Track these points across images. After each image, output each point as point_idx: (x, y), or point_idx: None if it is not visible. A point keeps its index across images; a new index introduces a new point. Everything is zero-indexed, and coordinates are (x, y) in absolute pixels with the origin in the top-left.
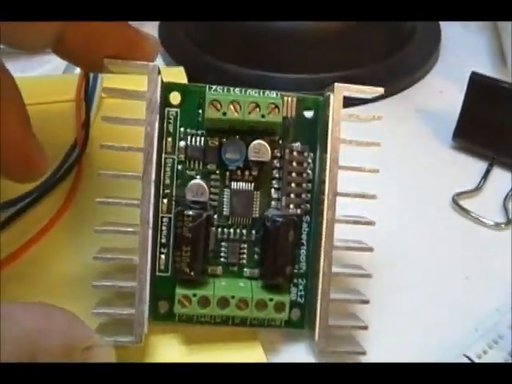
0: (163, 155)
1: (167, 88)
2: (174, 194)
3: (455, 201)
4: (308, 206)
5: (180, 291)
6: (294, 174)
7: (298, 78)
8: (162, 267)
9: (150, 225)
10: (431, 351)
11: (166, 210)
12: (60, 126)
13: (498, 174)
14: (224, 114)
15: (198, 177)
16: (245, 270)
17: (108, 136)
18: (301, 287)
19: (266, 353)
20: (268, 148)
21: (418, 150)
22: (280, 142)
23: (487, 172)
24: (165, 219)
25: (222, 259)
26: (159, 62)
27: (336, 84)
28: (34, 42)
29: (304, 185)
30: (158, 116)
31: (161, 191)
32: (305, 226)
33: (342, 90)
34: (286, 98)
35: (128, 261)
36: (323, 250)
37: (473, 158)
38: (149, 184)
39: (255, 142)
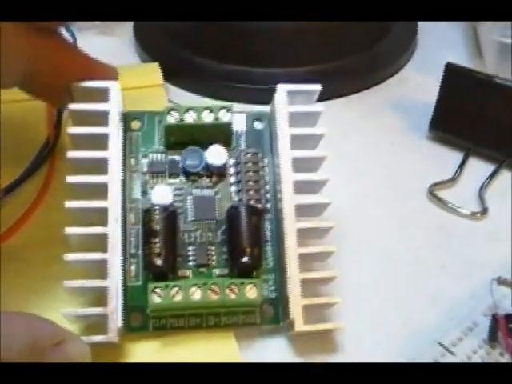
0: (128, 173)
1: (128, 116)
2: (140, 206)
3: (431, 191)
4: (268, 205)
5: (152, 284)
6: (250, 173)
7: (277, 72)
8: (133, 276)
9: (119, 222)
10: (406, 340)
11: (133, 222)
12: (34, 124)
13: (474, 164)
14: (181, 120)
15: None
16: (214, 270)
17: None
18: (270, 282)
19: (242, 350)
20: (224, 151)
21: (395, 142)
22: (235, 150)
23: (463, 162)
24: (133, 231)
25: (190, 263)
26: (134, 58)
27: (279, 85)
28: (6, 79)
29: (261, 182)
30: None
31: (127, 206)
32: (267, 223)
33: (284, 88)
34: (236, 115)
35: (98, 260)
36: (287, 232)
37: (449, 149)
38: (116, 184)
39: (212, 146)
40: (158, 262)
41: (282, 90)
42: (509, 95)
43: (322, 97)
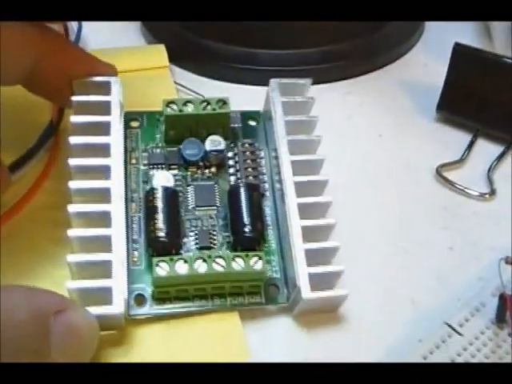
0: (128, 166)
1: (127, 116)
2: (141, 195)
3: (439, 172)
4: (267, 193)
5: (156, 258)
6: (249, 161)
7: (282, 54)
8: (136, 260)
9: (123, 200)
10: (412, 320)
11: (134, 210)
12: (37, 105)
13: (482, 145)
14: (180, 110)
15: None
16: (217, 252)
17: None
18: (274, 263)
19: (248, 331)
20: (222, 140)
21: (402, 123)
22: (232, 142)
23: (471, 144)
24: (135, 218)
25: (193, 246)
26: (140, 40)
27: (271, 80)
28: (8, 77)
29: (259, 169)
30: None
31: (129, 195)
32: (267, 209)
33: (276, 82)
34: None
35: (102, 236)
36: (289, 207)
37: (457, 130)
38: (118, 166)
39: (211, 136)
40: (161, 234)
41: (273, 83)
42: None
43: (329, 78)
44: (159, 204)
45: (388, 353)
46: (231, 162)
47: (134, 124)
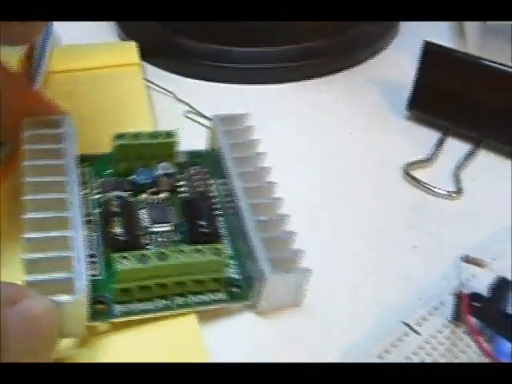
0: (82, 197)
1: (81, 159)
2: (97, 218)
3: (406, 171)
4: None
5: (116, 254)
6: (199, 185)
7: (254, 52)
8: (96, 272)
9: (79, 208)
10: (372, 318)
11: (91, 230)
12: None
13: (451, 144)
14: (129, 140)
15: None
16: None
17: None
18: (233, 266)
19: (210, 330)
20: (172, 165)
21: (372, 122)
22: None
23: (440, 142)
24: (91, 239)
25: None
26: (113, 37)
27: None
28: None
29: (211, 194)
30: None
31: (84, 218)
32: (222, 223)
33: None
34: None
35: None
36: (242, 208)
37: (427, 129)
38: (73, 183)
39: (161, 163)
40: (118, 231)
41: (216, 119)
42: (488, 75)
43: (303, 76)
44: (117, 209)
45: (346, 352)
46: (182, 189)
47: (86, 164)
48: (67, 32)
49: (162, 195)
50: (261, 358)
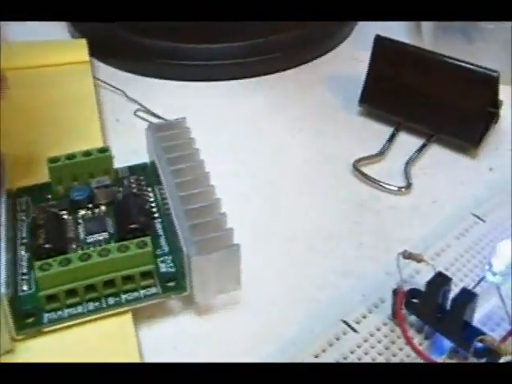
0: (18, 222)
1: (15, 195)
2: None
3: (355, 166)
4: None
5: (39, 262)
6: (135, 190)
7: (210, 48)
8: (25, 287)
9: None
10: (312, 316)
11: (24, 251)
12: None
13: (403, 139)
14: (63, 161)
15: None
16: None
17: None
18: (168, 261)
19: (146, 329)
20: (107, 178)
21: (324, 117)
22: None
23: (392, 137)
24: (24, 257)
25: None
26: (64, 34)
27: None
28: None
29: (147, 198)
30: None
31: (18, 242)
32: (158, 227)
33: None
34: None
35: None
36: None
37: (379, 124)
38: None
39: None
40: (44, 241)
41: (151, 127)
42: (439, 69)
43: (256, 73)
44: (41, 221)
45: (282, 350)
46: (119, 197)
47: (23, 195)
48: (15, 28)
49: (102, 208)
50: (196, 357)
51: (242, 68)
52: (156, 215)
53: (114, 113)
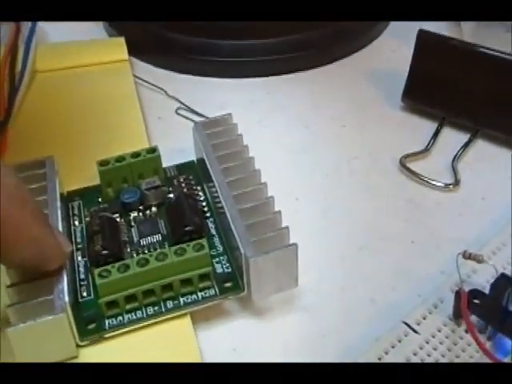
0: (72, 228)
1: (68, 199)
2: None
3: (402, 163)
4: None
5: (98, 269)
6: (185, 190)
7: (246, 45)
8: (85, 294)
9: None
10: (370, 318)
11: (80, 257)
12: None
13: (447, 134)
14: (113, 164)
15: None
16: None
17: (40, 111)
18: (224, 262)
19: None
20: (157, 178)
21: (367, 113)
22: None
23: (437, 133)
24: (81, 263)
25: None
26: (101, 33)
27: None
28: None
29: (197, 198)
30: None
31: (74, 248)
32: (211, 226)
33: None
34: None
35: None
36: (225, 201)
37: (423, 119)
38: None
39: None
40: (101, 250)
41: (198, 125)
42: (484, 63)
43: (295, 68)
44: (97, 227)
45: (345, 352)
46: (170, 197)
47: (75, 198)
48: (52, 28)
49: (153, 209)
50: (255, 358)
51: (282, 64)
52: (207, 215)
53: (156, 111)
